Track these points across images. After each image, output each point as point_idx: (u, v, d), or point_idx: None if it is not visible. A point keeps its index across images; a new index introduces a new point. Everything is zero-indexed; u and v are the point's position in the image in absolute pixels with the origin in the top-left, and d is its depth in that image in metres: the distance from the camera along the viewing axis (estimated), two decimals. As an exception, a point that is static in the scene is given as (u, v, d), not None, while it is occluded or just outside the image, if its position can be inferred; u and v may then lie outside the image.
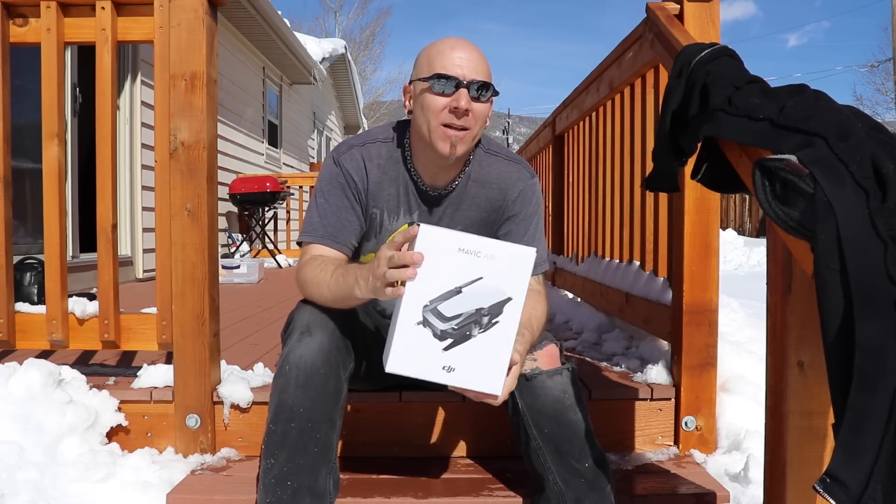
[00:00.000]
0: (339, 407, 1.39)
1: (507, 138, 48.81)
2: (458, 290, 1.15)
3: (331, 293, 1.38)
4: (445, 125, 1.39)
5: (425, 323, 1.15)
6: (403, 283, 1.16)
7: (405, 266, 1.15)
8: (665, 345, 1.99)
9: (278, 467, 1.33)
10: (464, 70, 1.39)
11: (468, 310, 1.16)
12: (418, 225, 1.15)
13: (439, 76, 1.38)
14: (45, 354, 1.93)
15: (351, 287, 1.30)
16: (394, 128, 1.57)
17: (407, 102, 1.49)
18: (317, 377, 1.34)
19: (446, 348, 1.16)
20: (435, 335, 1.16)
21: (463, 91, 1.38)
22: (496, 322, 1.17)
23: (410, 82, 1.47)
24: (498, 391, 1.21)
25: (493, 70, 1.48)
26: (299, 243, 1.54)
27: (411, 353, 1.16)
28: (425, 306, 1.15)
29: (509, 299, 1.17)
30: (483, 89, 1.40)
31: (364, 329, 1.52)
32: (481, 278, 1.15)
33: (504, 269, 1.16)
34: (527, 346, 1.35)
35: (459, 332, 1.16)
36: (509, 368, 1.22)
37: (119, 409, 1.77)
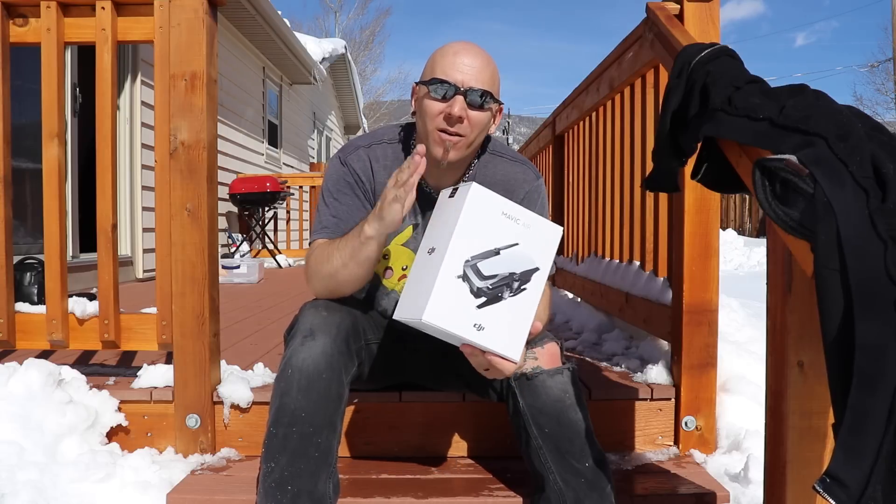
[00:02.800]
0: (341, 411, 1.39)
1: (507, 138, 48.79)
2: (496, 252, 1.20)
3: (341, 254, 1.40)
4: (441, 130, 1.39)
5: (464, 278, 1.18)
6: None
7: (410, 178, 1.24)
8: (665, 345, 1.99)
9: (279, 471, 1.32)
10: (464, 76, 1.38)
11: (503, 272, 1.20)
12: (470, 183, 1.21)
13: (438, 81, 1.38)
14: (45, 354, 1.93)
15: (359, 231, 1.35)
16: (400, 129, 1.57)
17: (413, 103, 1.49)
18: (319, 381, 1.34)
19: (479, 306, 1.19)
20: (472, 291, 1.19)
21: (458, 98, 1.37)
22: (524, 289, 1.22)
23: (417, 83, 1.47)
24: (517, 357, 1.23)
25: (496, 68, 1.46)
26: (310, 243, 1.53)
27: (448, 305, 1.18)
28: (467, 261, 1.18)
29: (537, 269, 1.23)
30: (482, 97, 1.39)
31: (367, 332, 1.52)
32: (517, 244, 1.22)
33: (537, 239, 1.23)
34: (539, 326, 1.36)
35: (493, 293, 1.19)
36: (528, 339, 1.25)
37: (119, 409, 1.77)
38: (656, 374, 1.88)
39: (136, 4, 1.84)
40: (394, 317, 1.26)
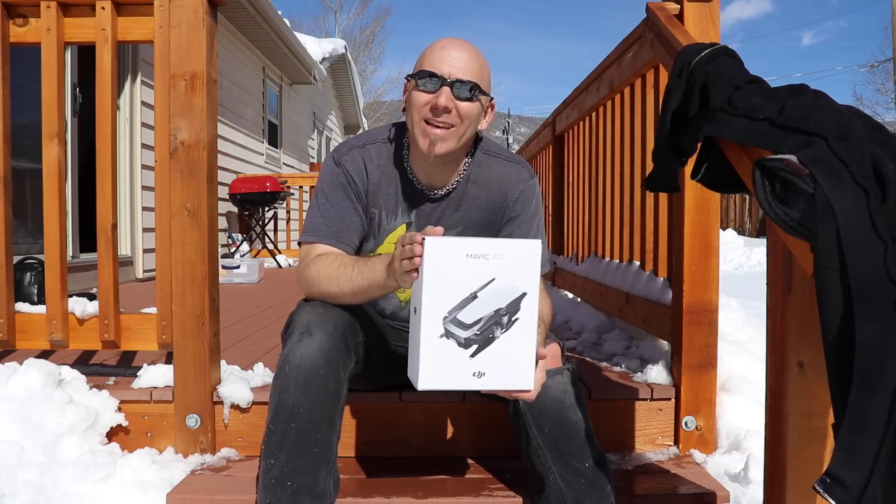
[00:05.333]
0: (339, 407, 1.39)
1: (507, 138, 48.81)
2: (473, 296, 1.15)
3: (352, 286, 1.38)
4: (427, 121, 1.40)
5: (448, 334, 1.15)
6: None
7: (413, 257, 1.16)
8: (665, 345, 1.99)
9: (278, 468, 1.32)
10: (450, 68, 1.39)
11: (487, 313, 1.16)
12: (423, 240, 1.15)
13: (425, 73, 1.40)
14: (45, 354, 1.93)
15: (380, 274, 1.31)
16: (393, 128, 1.57)
17: (404, 100, 1.50)
18: (317, 378, 1.34)
19: (473, 355, 1.16)
20: (459, 344, 1.16)
21: (445, 89, 1.39)
22: (516, 319, 1.18)
23: (407, 78, 1.48)
24: (530, 385, 1.21)
25: (493, 69, 1.48)
26: (300, 243, 1.54)
27: (440, 367, 1.16)
28: (445, 318, 1.15)
29: (524, 294, 1.17)
30: (470, 89, 1.40)
31: (364, 329, 1.52)
32: (494, 279, 1.15)
33: (514, 266, 1.16)
34: (543, 338, 1.36)
35: (483, 336, 1.16)
36: (536, 362, 1.22)
37: (119, 409, 1.77)
38: (656, 374, 1.88)
39: (136, 4, 1.84)
40: (408, 376, 1.24)
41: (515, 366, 1.19)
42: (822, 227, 0.85)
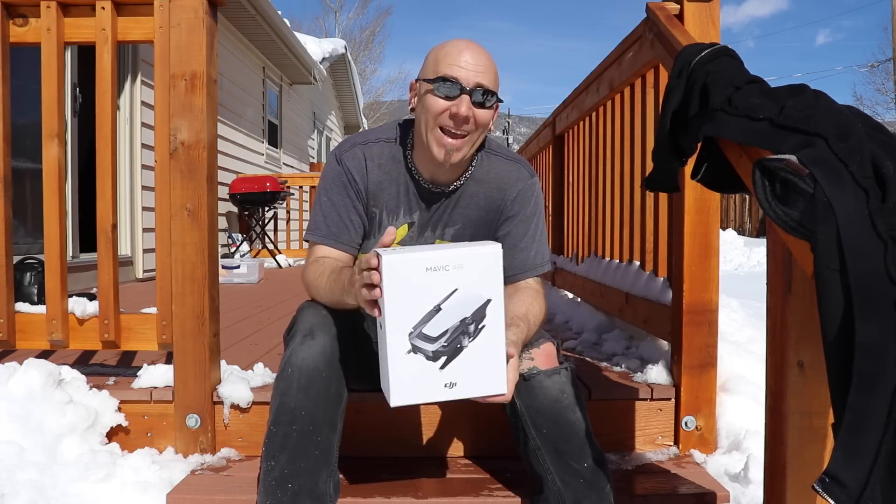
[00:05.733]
0: (341, 410, 1.40)
1: (507, 138, 48.79)
2: (437, 309, 1.14)
3: (328, 299, 1.42)
4: (443, 129, 1.39)
5: (415, 350, 1.15)
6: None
7: (373, 287, 1.15)
8: (665, 345, 1.99)
9: (279, 469, 1.33)
10: (469, 75, 1.37)
11: (453, 323, 1.15)
12: (379, 256, 1.14)
13: (443, 79, 1.37)
14: (45, 354, 1.93)
15: (340, 294, 1.34)
16: (397, 126, 1.56)
17: (412, 100, 1.49)
18: (319, 380, 1.34)
19: (442, 367, 1.16)
20: (428, 358, 1.15)
21: (465, 97, 1.37)
22: (483, 327, 1.17)
23: (417, 80, 1.46)
24: (503, 389, 1.21)
25: (497, 67, 1.47)
26: (307, 240, 1.56)
27: (411, 383, 1.16)
28: (410, 333, 1.14)
29: (489, 301, 1.17)
30: (487, 96, 1.39)
31: (367, 332, 1.52)
32: (457, 290, 1.15)
33: (476, 274, 1.15)
34: (522, 338, 1.35)
35: (451, 348, 1.16)
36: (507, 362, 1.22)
37: (119, 409, 1.77)
38: (656, 374, 1.88)
39: (136, 4, 1.84)
40: (381, 387, 1.24)
41: (486, 372, 1.19)
42: (822, 227, 0.85)
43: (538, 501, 1.41)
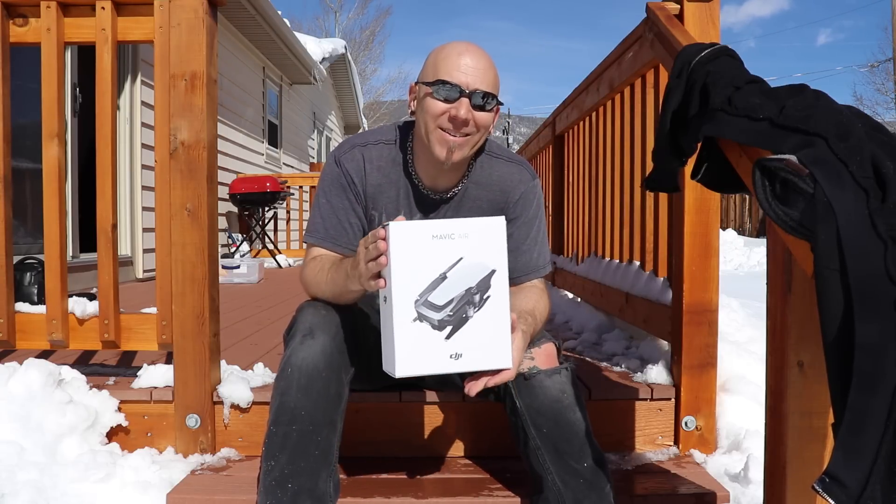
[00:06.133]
0: (341, 410, 1.40)
1: (507, 138, 48.80)
2: (443, 277, 1.16)
3: (330, 291, 1.42)
4: (443, 129, 1.39)
5: (421, 318, 1.15)
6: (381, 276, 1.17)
7: (379, 256, 1.16)
8: (665, 345, 1.99)
9: (279, 469, 1.33)
10: (468, 78, 1.37)
11: (458, 292, 1.16)
12: (385, 225, 1.15)
13: (443, 82, 1.37)
14: (45, 354, 1.93)
15: (344, 281, 1.34)
16: (397, 129, 1.56)
17: (411, 103, 1.49)
18: (319, 380, 1.34)
19: (448, 336, 1.17)
20: (434, 327, 1.16)
21: (464, 101, 1.37)
22: (488, 297, 1.18)
23: (416, 83, 1.46)
24: (508, 363, 1.22)
25: (497, 69, 1.47)
26: (306, 241, 1.56)
27: (416, 352, 1.16)
28: (416, 301, 1.15)
29: (494, 271, 1.18)
30: (487, 99, 1.39)
31: (366, 331, 1.52)
32: (462, 258, 1.16)
33: (481, 243, 1.17)
34: (530, 331, 1.36)
35: (456, 317, 1.17)
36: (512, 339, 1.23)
37: (119, 409, 1.77)
38: (656, 374, 1.88)
39: (136, 4, 1.84)
40: (383, 368, 1.24)
41: (492, 344, 1.19)
42: (822, 227, 0.85)
43: (538, 501, 1.41)
